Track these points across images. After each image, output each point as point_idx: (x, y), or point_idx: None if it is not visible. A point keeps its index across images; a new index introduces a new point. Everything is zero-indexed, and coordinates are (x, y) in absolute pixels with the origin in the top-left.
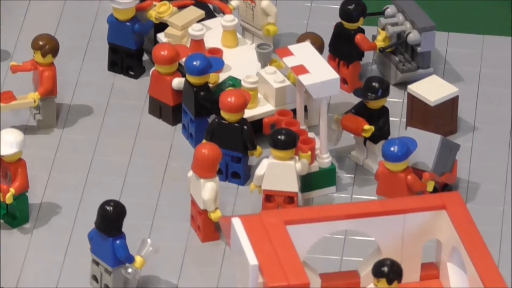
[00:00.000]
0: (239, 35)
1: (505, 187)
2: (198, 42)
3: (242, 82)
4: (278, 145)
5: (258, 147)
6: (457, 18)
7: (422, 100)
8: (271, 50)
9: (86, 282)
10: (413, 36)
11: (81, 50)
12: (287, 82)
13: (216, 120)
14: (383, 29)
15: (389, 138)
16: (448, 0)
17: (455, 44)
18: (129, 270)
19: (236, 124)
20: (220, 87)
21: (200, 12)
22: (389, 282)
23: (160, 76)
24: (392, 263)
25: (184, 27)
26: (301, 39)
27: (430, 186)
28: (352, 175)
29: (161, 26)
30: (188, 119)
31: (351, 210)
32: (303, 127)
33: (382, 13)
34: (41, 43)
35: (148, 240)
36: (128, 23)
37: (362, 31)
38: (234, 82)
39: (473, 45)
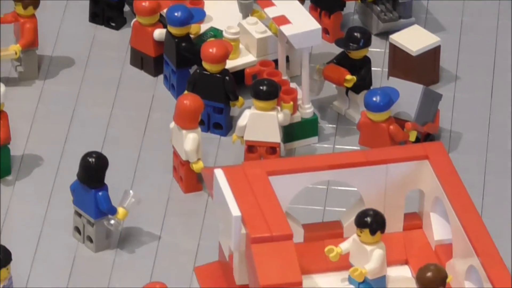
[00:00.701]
0: None
1: (488, 136)
2: None
3: (224, 33)
4: (260, 96)
5: (240, 97)
6: None
7: (404, 50)
8: (252, 1)
9: (68, 233)
10: None
11: (62, 2)
12: (269, 33)
13: (198, 71)
14: None
15: (371, 88)
16: None
17: None
18: (112, 221)
19: (218, 75)
20: (202, 38)
21: None
22: (372, 232)
23: (142, 27)
24: (375, 213)
25: None
26: None
27: (413, 136)
28: (334, 125)
29: None
30: (170, 70)
31: (334, 160)
32: (285, 77)
33: None
34: None
35: (131, 191)
36: None
37: None
38: (216, 33)
39: None
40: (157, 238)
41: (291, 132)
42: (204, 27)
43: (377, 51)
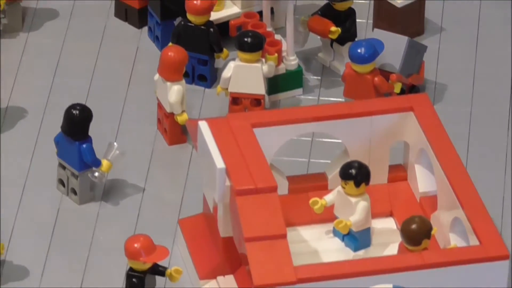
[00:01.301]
0: None
1: (473, 87)
2: None
3: None
4: (245, 48)
5: (224, 49)
6: None
7: (388, 1)
8: None
9: (52, 186)
10: None
11: None
12: None
13: (182, 22)
14: None
15: (356, 39)
16: None
17: None
18: (96, 174)
19: (202, 27)
20: None
21: None
22: (357, 184)
23: None
24: (359, 165)
25: None
26: None
27: (397, 88)
28: (319, 77)
29: None
30: (154, 21)
31: (318, 112)
32: (269, 29)
33: None
34: None
35: (115, 143)
36: None
37: None
38: None
39: None
40: (141, 190)
41: (275, 84)
42: None
43: (361, 2)
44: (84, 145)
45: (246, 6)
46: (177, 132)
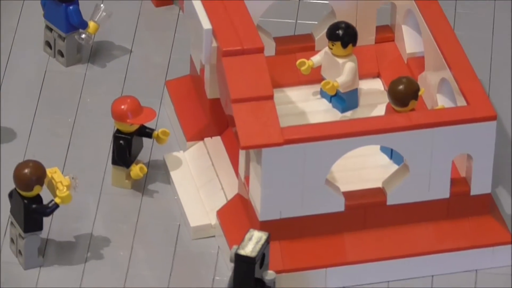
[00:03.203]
0: None
1: None
2: None
3: None
4: None
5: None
6: None
7: None
8: None
9: (39, 48)
10: None
11: None
12: None
13: None
14: None
15: None
16: None
17: None
18: (83, 35)
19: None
20: None
21: None
22: (344, 45)
23: None
24: (346, 26)
25: None
26: None
27: None
28: None
29: None
30: None
31: None
32: None
33: None
34: None
35: (102, 5)
36: None
37: None
38: None
39: None
40: (128, 52)
41: None
42: None
43: None
44: (71, 7)
45: None
46: None
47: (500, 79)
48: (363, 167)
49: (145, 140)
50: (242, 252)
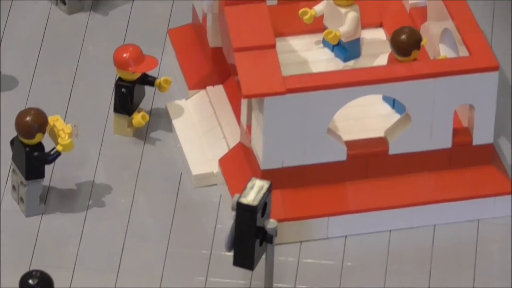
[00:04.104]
0: None
1: None
2: None
3: None
4: None
5: None
6: None
7: None
8: None
9: None
10: None
11: None
12: None
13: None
14: None
15: None
16: None
17: None
18: None
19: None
20: None
21: None
22: None
23: None
24: None
25: None
26: None
27: None
28: None
29: None
30: None
31: None
32: None
33: None
34: None
35: None
36: None
37: None
38: None
39: None
40: (131, 0)
41: None
42: None
43: None
44: None
45: None
46: None
47: (502, 30)
48: (365, 117)
49: (147, 88)
50: (244, 200)
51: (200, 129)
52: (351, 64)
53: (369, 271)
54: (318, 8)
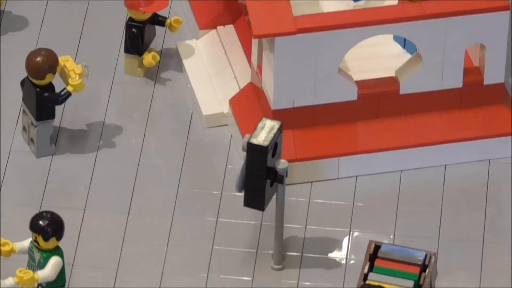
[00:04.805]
0: None
1: None
2: None
3: None
4: None
5: None
6: None
7: None
8: None
9: None
10: None
11: None
12: None
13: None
14: None
15: None
16: None
17: None
18: None
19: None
20: None
21: None
22: None
23: None
24: None
25: None
26: None
27: None
28: None
29: None
30: None
31: None
32: None
33: None
34: None
35: None
36: None
37: None
38: None
39: None
40: None
41: None
42: None
43: None
44: None
45: None
46: None
47: None
48: (376, 56)
49: (158, 28)
50: (255, 141)
51: (211, 69)
52: (361, 3)
53: (379, 211)
54: None
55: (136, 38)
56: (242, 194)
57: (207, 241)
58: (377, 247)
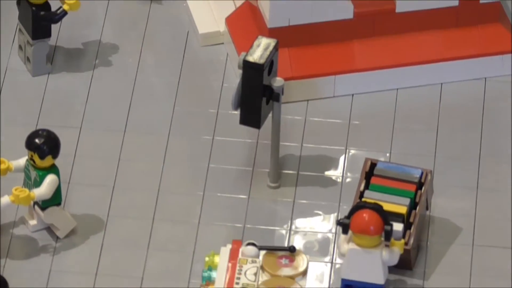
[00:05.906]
0: None
1: None
2: None
3: None
4: None
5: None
6: None
7: None
8: None
9: None
10: None
11: None
12: None
13: None
14: None
15: None
16: None
17: None
18: None
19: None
20: None
21: None
22: None
23: None
24: None
25: None
26: None
27: None
28: None
29: None
30: None
31: None
32: None
33: None
34: None
35: None
36: None
37: None
38: None
39: None
40: None
41: None
42: None
43: None
44: None
45: None
46: None
47: None
48: None
49: None
50: (250, 58)
51: None
52: None
53: (376, 129)
54: None
55: None
56: (238, 112)
57: (203, 159)
58: (373, 165)
